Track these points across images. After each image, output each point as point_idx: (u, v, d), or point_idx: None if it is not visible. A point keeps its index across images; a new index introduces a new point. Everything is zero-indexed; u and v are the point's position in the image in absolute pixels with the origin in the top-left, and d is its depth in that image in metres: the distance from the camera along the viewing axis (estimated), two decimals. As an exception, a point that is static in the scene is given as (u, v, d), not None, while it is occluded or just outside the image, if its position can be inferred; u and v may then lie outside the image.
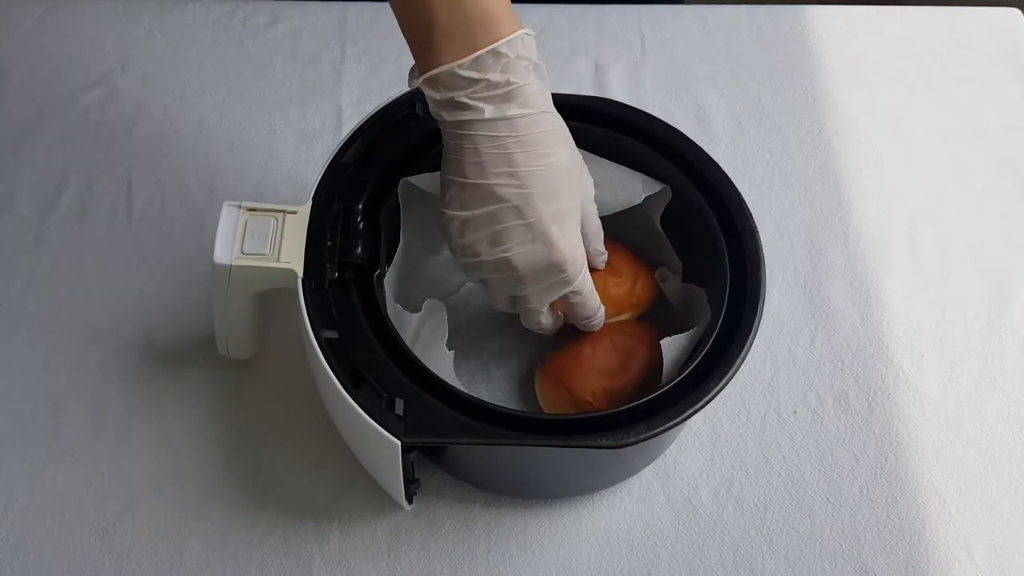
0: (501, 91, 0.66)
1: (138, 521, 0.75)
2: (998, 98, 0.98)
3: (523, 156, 0.67)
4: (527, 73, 0.66)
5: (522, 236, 0.67)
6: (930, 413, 0.81)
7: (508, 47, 0.65)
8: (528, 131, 0.67)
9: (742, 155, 0.93)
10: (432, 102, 0.67)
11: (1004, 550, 0.76)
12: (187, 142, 0.92)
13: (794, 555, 0.75)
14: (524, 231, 0.67)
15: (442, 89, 0.66)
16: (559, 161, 0.68)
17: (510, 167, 0.66)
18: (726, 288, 0.71)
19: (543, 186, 0.67)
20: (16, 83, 0.94)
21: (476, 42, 0.65)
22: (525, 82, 0.66)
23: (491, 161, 0.66)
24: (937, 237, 0.89)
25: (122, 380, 0.80)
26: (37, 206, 0.87)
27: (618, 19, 1.00)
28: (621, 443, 0.65)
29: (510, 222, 0.67)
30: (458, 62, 0.65)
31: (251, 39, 0.98)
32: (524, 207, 0.67)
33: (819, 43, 1.00)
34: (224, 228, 0.69)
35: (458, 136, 0.67)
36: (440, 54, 0.65)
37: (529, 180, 0.67)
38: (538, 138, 0.67)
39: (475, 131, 0.66)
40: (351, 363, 0.67)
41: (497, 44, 0.65)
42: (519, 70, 0.66)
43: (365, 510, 0.75)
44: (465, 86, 0.65)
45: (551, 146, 0.68)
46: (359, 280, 0.70)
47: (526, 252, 0.68)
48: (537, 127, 0.67)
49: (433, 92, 0.66)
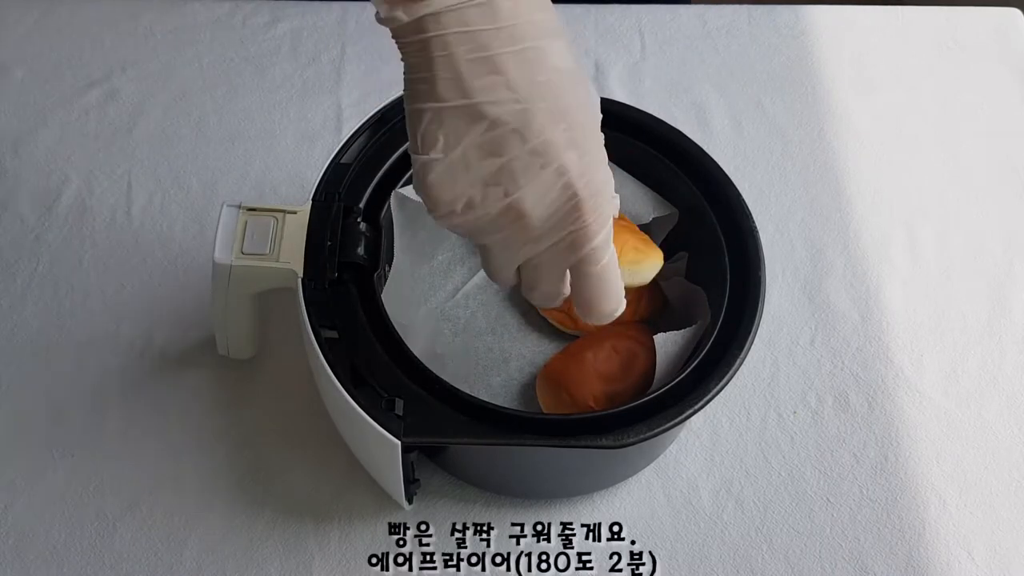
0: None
1: (138, 521, 0.75)
2: (998, 98, 0.98)
3: (514, 57, 0.50)
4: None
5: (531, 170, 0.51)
6: (930, 413, 0.81)
7: None
8: (514, 19, 0.51)
9: (742, 155, 0.93)
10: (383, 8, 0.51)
11: (1004, 550, 0.76)
12: (187, 142, 0.92)
13: (794, 555, 0.75)
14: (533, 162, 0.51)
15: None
16: (560, 62, 0.52)
17: (498, 73, 0.50)
18: (726, 288, 0.71)
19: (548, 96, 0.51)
20: (16, 83, 0.94)
21: None
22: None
23: (471, 69, 0.50)
24: (937, 237, 0.89)
25: (122, 380, 0.80)
26: (37, 206, 0.87)
27: (618, 19, 1.00)
28: (621, 443, 0.65)
29: (512, 152, 0.51)
30: None
31: (251, 39, 0.98)
32: (525, 128, 0.51)
33: (819, 43, 1.00)
34: (224, 228, 0.69)
35: (422, 45, 0.50)
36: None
37: (528, 89, 0.51)
38: (528, 28, 0.51)
39: (443, 29, 0.50)
40: (351, 363, 0.67)
41: None
42: None
43: (365, 510, 0.75)
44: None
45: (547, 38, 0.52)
46: (359, 280, 0.70)
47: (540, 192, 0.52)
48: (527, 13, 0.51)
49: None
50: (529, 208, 0.52)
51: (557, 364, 0.76)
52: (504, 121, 0.51)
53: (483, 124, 0.51)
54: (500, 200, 0.52)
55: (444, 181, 0.52)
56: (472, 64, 0.50)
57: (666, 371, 0.71)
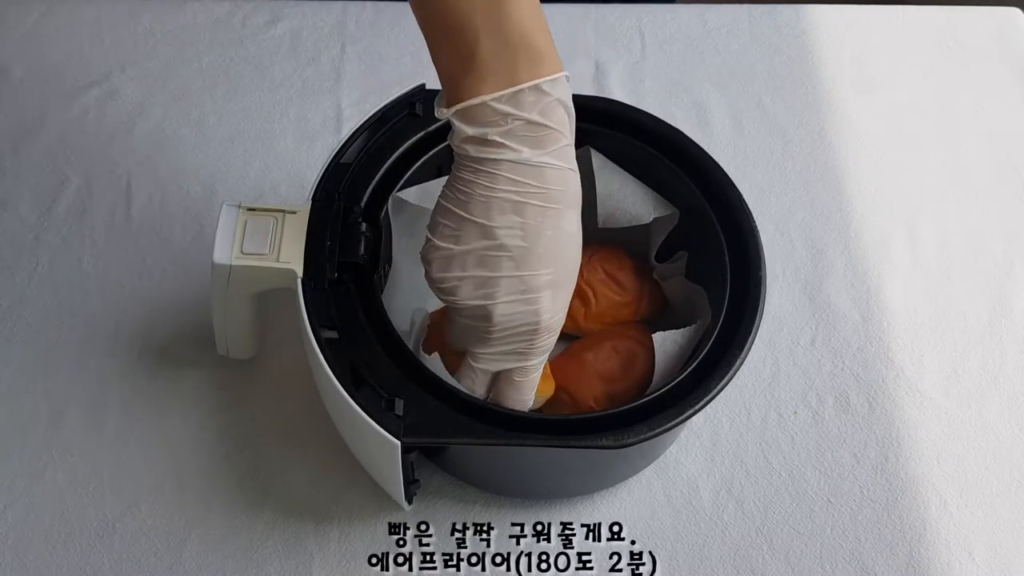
0: (536, 134, 0.60)
1: (138, 521, 0.75)
2: (998, 98, 0.98)
3: (539, 211, 0.61)
4: (564, 120, 0.61)
5: (511, 290, 0.63)
6: (930, 413, 0.81)
7: (551, 86, 0.60)
8: (553, 186, 0.61)
9: (742, 155, 0.93)
10: (459, 135, 0.61)
11: (1005, 550, 0.76)
12: (187, 142, 0.92)
13: (794, 555, 0.75)
14: (515, 285, 0.63)
15: (474, 123, 0.60)
16: (569, 227, 0.63)
17: (521, 217, 0.61)
18: (726, 288, 0.71)
19: (547, 248, 0.62)
20: (16, 83, 0.94)
21: (518, 76, 0.59)
22: (562, 130, 0.61)
23: (502, 206, 0.61)
24: (937, 237, 0.89)
25: (122, 380, 0.80)
26: (37, 206, 0.87)
27: (618, 19, 1.00)
28: (621, 443, 0.65)
29: (503, 272, 0.62)
30: (497, 94, 0.59)
31: (251, 39, 0.98)
32: (522, 262, 0.62)
33: (819, 43, 1.00)
34: (224, 228, 0.69)
35: (475, 171, 0.61)
36: (478, 84, 0.59)
37: (535, 237, 0.62)
38: (559, 196, 0.62)
39: (498, 171, 0.61)
40: (351, 363, 0.67)
41: (541, 81, 0.59)
42: (557, 115, 0.61)
43: (365, 510, 0.75)
44: (499, 122, 0.60)
45: (567, 208, 0.63)
46: (359, 280, 0.70)
47: (510, 308, 0.63)
48: (563, 183, 0.62)
49: (464, 125, 0.61)
50: (498, 317, 0.63)
51: (557, 364, 0.76)
52: (507, 249, 0.62)
53: (491, 244, 0.62)
54: (480, 300, 0.63)
55: (444, 266, 0.64)
56: (505, 203, 0.61)
57: (666, 370, 0.71)
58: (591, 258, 0.78)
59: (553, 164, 0.61)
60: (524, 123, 0.60)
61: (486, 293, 0.63)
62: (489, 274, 0.63)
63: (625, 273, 0.78)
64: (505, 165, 0.61)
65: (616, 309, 0.78)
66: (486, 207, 0.61)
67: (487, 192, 0.61)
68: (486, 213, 0.62)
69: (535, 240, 0.62)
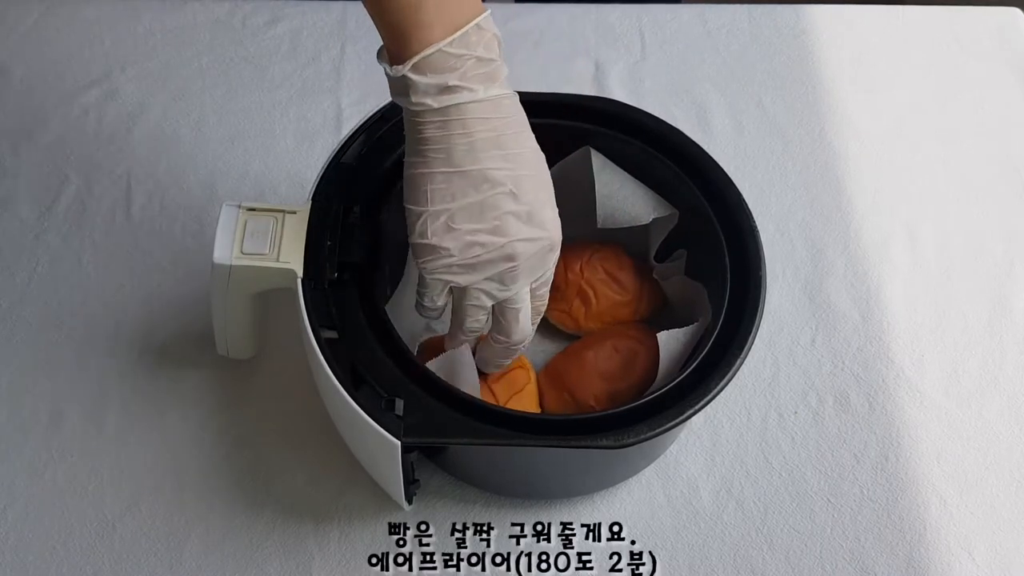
0: (486, 70, 0.62)
1: (138, 521, 0.75)
2: (998, 98, 0.98)
3: (512, 138, 0.63)
4: (499, 50, 0.63)
5: (520, 222, 0.64)
6: (931, 413, 0.81)
7: (486, 22, 0.62)
8: (511, 112, 0.64)
9: (742, 155, 0.93)
10: (417, 89, 0.62)
11: (1005, 550, 0.76)
12: (186, 142, 0.92)
13: (794, 555, 0.75)
14: (522, 215, 0.64)
15: (432, 72, 0.61)
16: (535, 144, 0.66)
17: (501, 149, 0.63)
18: (727, 288, 0.71)
19: (532, 170, 0.65)
20: (16, 83, 0.94)
21: (458, 19, 0.61)
22: (502, 60, 0.63)
23: (483, 144, 0.62)
24: (937, 237, 0.89)
25: (122, 380, 0.80)
26: (37, 206, 0.87)
27: (618, 19, 1.00)
28: (621, 443, 0.65)
29: (508, 208, 0.64)
30: (448, 39, 0.60)
31: (251, 39, 0.98)
32: (519, 191, 0.64)
33: (819, 43, 1.00)
34: (224, 228, 0.69)
35: (443, 124, 0.62)
36: (428, 33, 0.60)
37: (520, 162, 0.64)
38: (520, 121, 0.64)
39: (466, 115, 0.62)
40: (351, 363, 0.67)
41: (479, 19, 0.61)
42: (495, 47, 0.63)
43: (365, 510, 0.75)
44: (454, 66, 0.61)
45: (525, 127, 0.65)
46: (359, 280, 0.70)
47: (526, 240, 0.64)
48: (517, 108, 0.64)
49: (420, 78, 0.61)
50: (520, 253, 0.64)
51: (558, 364, 0.76)
52: (503, 183, 0.63)
53: (487, 185, 0.63)
54: (500, 246, 0.64)
55: (447, 228, 0.63)
56: (484, 139, 0.62)
57: (669, 369, 0.71)
58: (591, 258, 0.78)
59: (505, 93, 0.63)
60: (475, 61, 0.61)
61: (504, 238, 0.64)
62: (496, 214, 0.63)
63: (625, 273, 0.78)
64: (471, 107, 0.62)
65: (616, 308, 0.78)
66: (470, 153, 0.62)
67: (465, 138, 0.62)
68: (473, 158, 0.63)
69: (521, 168, 0.64)
